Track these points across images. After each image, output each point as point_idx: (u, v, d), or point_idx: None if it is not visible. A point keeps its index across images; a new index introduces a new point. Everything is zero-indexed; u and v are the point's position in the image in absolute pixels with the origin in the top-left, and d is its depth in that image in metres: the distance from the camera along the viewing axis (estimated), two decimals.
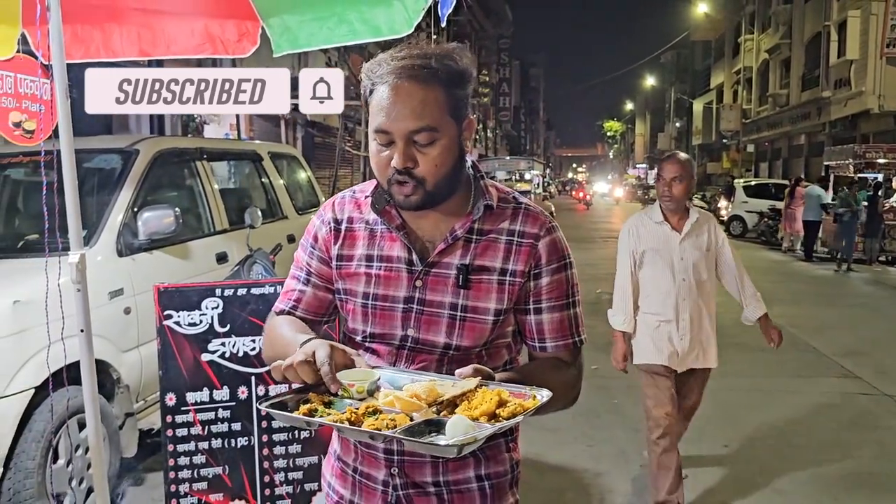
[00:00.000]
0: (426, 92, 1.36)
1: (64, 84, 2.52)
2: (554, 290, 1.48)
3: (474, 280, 1.44)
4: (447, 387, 1.29)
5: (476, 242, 1.46)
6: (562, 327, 1.50)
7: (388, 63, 1.37)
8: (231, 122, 12.50)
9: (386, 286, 1.46)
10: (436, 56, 1.38)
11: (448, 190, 1.43)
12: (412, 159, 1.36)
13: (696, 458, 4.55)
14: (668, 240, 3.59)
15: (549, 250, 1.47)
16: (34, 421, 3.28)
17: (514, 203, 1.51)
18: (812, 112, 25.95)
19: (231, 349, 3.01)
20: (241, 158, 6.22)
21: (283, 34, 3.08)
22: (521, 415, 1.21)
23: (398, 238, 1.47)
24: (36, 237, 4.00)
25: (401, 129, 1.35)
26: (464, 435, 1.15)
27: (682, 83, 51.49)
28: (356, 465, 1.53)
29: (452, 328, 1.44)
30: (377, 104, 1.37)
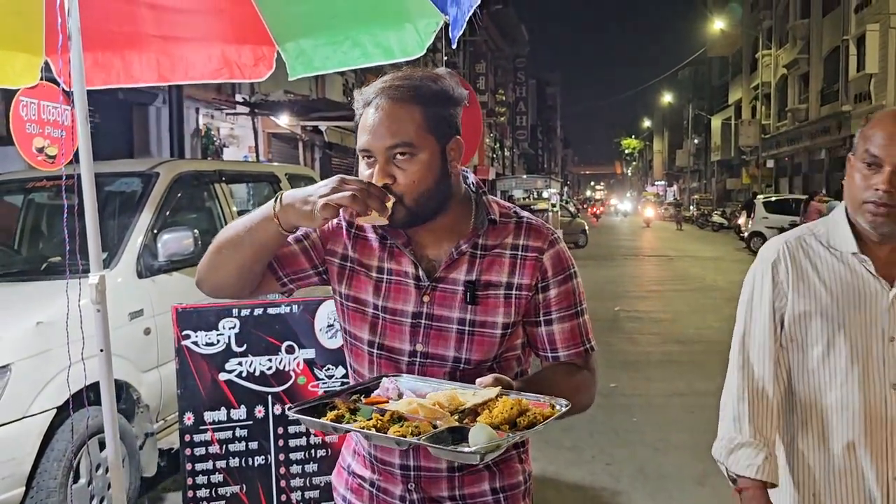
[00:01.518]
0: (403, 110, 1.41)
1: (84, 110, 2.58)
2: (563, 300, 1.50)
3: (481, 295, 1.46)
4: (468, 395, 1.32)
5: (481, 258, 1.48)
6: (573, 336, 1.52)
7: (373, 87, 1.45)
8: (250, 145, 12.64)
9: (395, 299, 1.49)
10: (417, 77, 1.44)
11: (434, 207, 1.45)
12: (390, 175, 1.40)
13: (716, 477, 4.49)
14: (868, 297, 1.71)
15: (555, 262, 1.50)
16: (56, 440, 3.33)
17: (515, 217, 1.53)
18: (832, 127, 25.77)
19: (248, 368, 3.04)
20: (259, 180, 6.30)
21: (298, 57, 3.13)
22: (542, 424, 1.24)
23: (405, 254, 1.50)
24: (58, 260, 4.07)
25: (378, 146, 1.41)
26: (487, 442, 1.18)
27: (699, 99, 51.40)
28: (374, 479, 1.55)
29: (461, 343, 1.46)
30: (361, 125, 1.44)
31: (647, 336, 8.80)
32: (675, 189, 63.86)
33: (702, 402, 6.12)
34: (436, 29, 2.81)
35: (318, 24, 3.03)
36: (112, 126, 9.98)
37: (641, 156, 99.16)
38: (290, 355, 3.05)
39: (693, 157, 55.48)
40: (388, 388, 1.41)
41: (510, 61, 48.23)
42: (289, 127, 14.04)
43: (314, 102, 13.28)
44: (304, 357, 3.05)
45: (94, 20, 2.81)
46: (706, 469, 4.61)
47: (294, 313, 3.06)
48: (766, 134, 34.86)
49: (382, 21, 2.90)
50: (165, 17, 3.10)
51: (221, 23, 3.13)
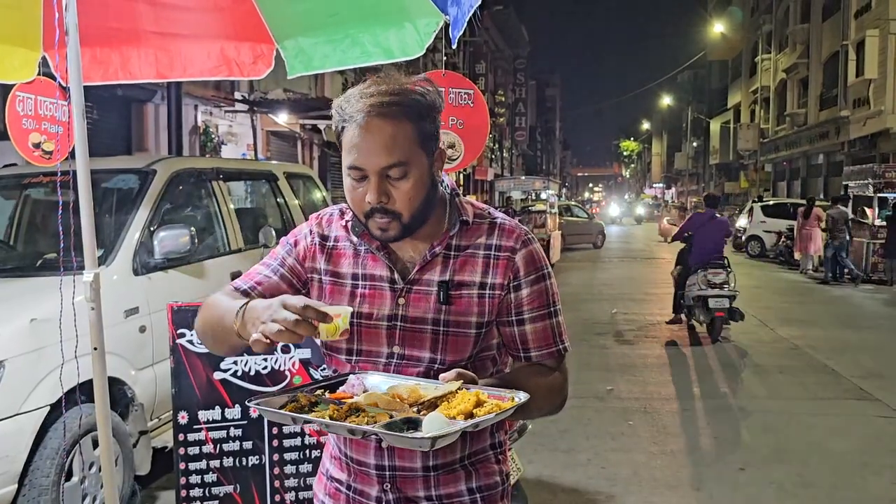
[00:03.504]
0: (395, 128, 1.39)
1: (81, 106, 2.56)
2: (535, 300, 1.51)
3: (455, 295, 1.48)
4: (430, 389, 1.34)
5: (454, 258, 1.50)
6: (545, 336, 1.52)
7: (357, 100, 1.40)
8: (248, 143, 12.63)
9: (371, 304, 1.50)
10: (404, 91, 1.41)
11: (424, 219, 1.47)
12: (386, 194, 1.41)
13: (711, 481, 4.50)
14: None
15: (527, 262, 1.50)
16: (49, 438, 3.31)
17: (489, 219, 1.54)
18: (830, 131, 25.79)
19: (243, 368, 3.03)
20: (257, 178, 6.28)
21: (297, 56, 3.12)
22: (497, 414, 1.25)
23: (380, 258, 1.51)
24: (53, 256, 4.06)
25: (373, 165, 1.39)
26: (439, 430, 1.18)
27: (699, 102, 51.43)
28: (350, 482, 1.56)
29: (436, 343, 1.47)
30: (349, 142, 1.41)
31: (643, 339, 8.79)
32: (674, 192, 63.90)
33: (698, 405, 6.12)
34: (436, 29, 2.80)
35: (318, 23, 3.02)
36: (110, 122, 9.96)
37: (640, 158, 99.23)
38: (285, 355, 3.04)
39: (691, 160, 55.51)
40: (353, 384, 1.42)
41: (510, 62, 48.22)
42: (288, 125, 14.04)
43: (313, 101, 13.27)
44: (299, 357, 3.04)
45: (92, 15, 2.80)
46: (702, 473, 4.61)
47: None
48: (764, 138, 34.88)
49: (382, 20, 2.89)
50: (164, 14, 3.08)
51: (220, 20, 3.12)
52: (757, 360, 7.82)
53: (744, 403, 6.23)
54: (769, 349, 8.34)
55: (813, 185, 28.49)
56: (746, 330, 9.37)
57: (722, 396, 6.45)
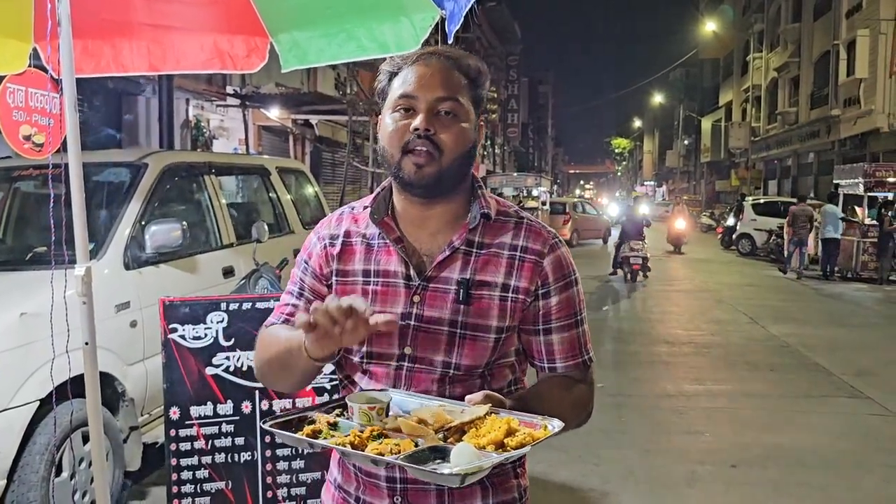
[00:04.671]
0: (452, 72, 1.40)
1: (73, 98, 2.53)
2: (563, 309, 1.43)
3: (475, 295, 1.39)
4: (456, 413, 1.25)
5: (476, 256, 1.41)
6: (571, 347, 1.45)
7: (412, 54, 1.42)
8: (240, 137, 12.56)
9: (383, 302, 1.41)
10: (459, 52, 1.44)
11: (457, 179, 1.41)
12: (433, 125, 1.36)
13: (704, 479, 4.50)
14: None
15: (555, 267, 1.42)
16: (38, 434, 3.28)
17: (515, 217, 1.47)
18: (821, 130, 25.91)
19: (235, 363, 3.00)
20: (249, 173, 6.24)
21: (291, 49, 3.09)
22: (530, 445, 1.17)
23: (395, 252, 1.43)
24: (44, 250, 4.02)
25: (428, 96, 1.37)
26: (468, 463, 1.10)
27: (690, 101, 51.53)
28: (358, 494, 1.46)
29: (452, 346, 1.38)
30: (401, 80, 1.40)
31: (635, 337, 8.80)
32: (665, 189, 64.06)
33: (690, 403, 6.13)
34: (431, 23, 2.78)
35: (313, 16, 2.99)
36: (101, 115, 9.88)
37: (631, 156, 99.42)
38: None
39: (683, 158, 55.65)
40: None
41: (503, 59, 48.18)
42: (279, 120, 13.97)
43: (305, 96, 13.21)
44: None
45: (84, 7, 2.76)
46: (695, 471, 4.61)
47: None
48: (755, 136, 35.01)
49: (378, 14, 2.87)
50: (157, 6, 3.05)
51: (214, 12, 3.08)
52: (749, 358, 7.85)
53: (736, 401, 6.25)
54: (761, 347, 8.36)
55: (803, 183, 28.61)
56: (738, 328, 9.41)
57: (714, 394, 6.46)
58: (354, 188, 17.70)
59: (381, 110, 1.44)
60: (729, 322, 9.94)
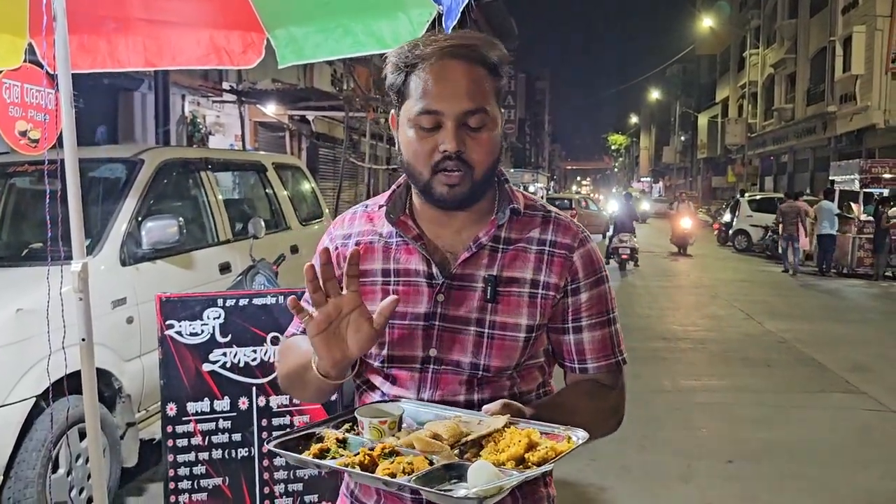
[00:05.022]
0: (476, 72, 1.27)
1: (69, 94, 2.52)
2: (593, 306, 1.36)
3: (503, 293, 1.31)
4: (473, 424, 1.18)
5: (503, 252, 1.34)
6: (603, 346, 1.37)
7: (427, 45, 1.27)
8: (236, 133, 12.54)
9: (405, 303, 1.32)
10: (481, 39, 1.30)
11: (487, 186, 1.33)
12: (463, 143, 1.26)
13: (700, 474, 4.52)
14: None
15: (586, 263, 1.36)
16: (35, 430, 3.28)
17: (543, 211, 1.39)
18: (817, 126, 25.95)
19: (232, 359, 3.00)
20: (246, 169, 6.23)
21: (288, 45, 3.09)
22: (553, 461, 1.09)
23: (415, 250, 1.35)
24: (40, 246, 4.01)
25: (454, 109, 1.24)
26: (487, 484, 1.03)
27: (687, 97, 51.58)
28: None
29: (480, 347, 1.31)
30: (420, 85, 1.26)
31: (631, 332, 8.82)
32: (661, 185, 64.13)
33: (687, 399, 6.15)
34: (429, 19, 2.78)
35: (310, 12, 2.99)
36: (97, 111, 9.85)
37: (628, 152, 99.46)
38: (275, 346, 3.01)
39: (679, 154, 55.73)
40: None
41: None
42: (276, 116, 13.95)
43: (302, 91, 13.18)
44: None
45: (80, 2, 2.76)
46: (690, 466, 4.63)
47: (280, 304, 3.02)
48: (752, 133, 35.06)
49: (375, 10, 2.86)
50: (153, 1, 3.04)
51: (210, 8, 3.08)
52: (745, 353, 7.87)
53: (732, 397, 6.26)
54: (757, 343, 8.38)
55: (800, 179, 28.66)
56: (734, 324, 9.43)
57: (711, 390, 6.48)
58: (351, 184, 17.69)
59: (396, 108, 1.33)
60: (725, 318, 9.96)
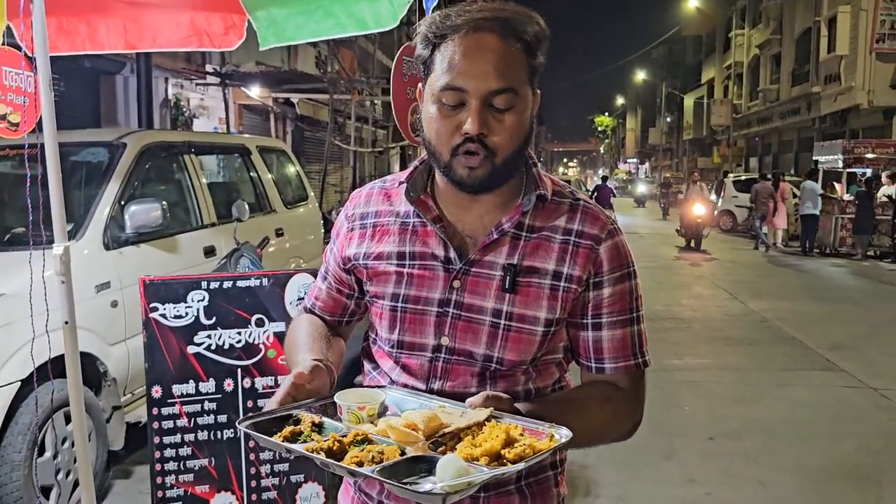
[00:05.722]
0: (509, 48, 1.18)
1: (47, 77, 2.51)
2: (616, 302, 1.28)
3: (523, 283, 1.25)
4: (455, 416, 1.13)
5: (526, 240, 1.27)
6: (623, 346, 1.29)
7: (459, 15, 1.19)
8: (220, 116, 12.46)
9: (419, 287, 1.28)
10: (517, 12, 1.21)
11: (511, 171, 1.25)
12: (486, 125, 1.18)
13: (682, 451, 4.59)
14: None
15: (612, 256, 1.28)
16: (20, 414, 3.29)
17: (571, 199, 1.31)
18: (802, 107, 26.05)
19: (217, 342, 3.02)
20: (230, 152, 6.21)
21: (269, 27, 3.07)
22: (530, 459, 1.03)
23: (434, 232, 1.29)
24: (22, 230, 3.99)
25: (480, 88, 1.17)
26: (454, 479, 0.98)
27: (673, 78, 51.56)
28: (381, 498, 1.32)
29: (495, 338, 1.25)
30: (447, 59, 1.19)
31: None
32: (647, 167, 64.27)
33: (670, 377, 6.22)
34: (410, 0, 2.78)
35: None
36: (78, 95, 9.76)
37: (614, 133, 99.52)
38: (259, 328, 3.03)
39: (665, 135, 55.79)
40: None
41: None
42: (260, 98, 13.86)
43: (286, 74, 13.10)
44: (273, 330, 3.03)
45: None
46: (673, 444, 4.70)
47: (264, 286, 3.03)
48: (737, 113, 35.15)
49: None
50: None
51: None
52: (728, 332, 7.96)
53: (715, 376, 6.35)
54: (740, 322, 8.48)
55: (784, 160, 28.82)
56: (718, 303, 9.52)
57: (694, 369, 6.56)
58: (336, 167, 17.63)
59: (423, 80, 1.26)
60: (709, 298, 10.06)
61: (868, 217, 14.45)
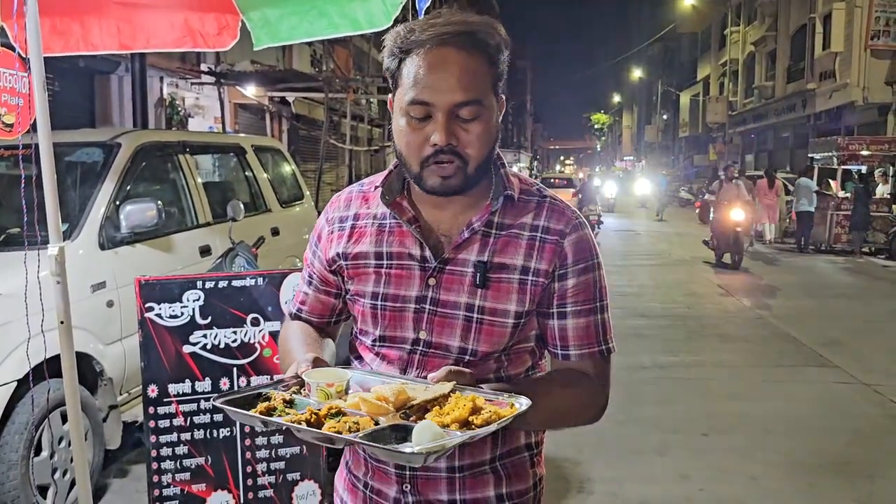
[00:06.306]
0: (472, 61, 1.24)
1: (41, 77, 2.52)
2: (580, 292, 1.35)
3: (493, 279, 1.32)
4: (419, 390, 1.20)
5: (495, 237, 1.33)
6: (587, 334, 1.37)
7: (423, 29, 1.24)
8: (216, 116, 12.46)
9: (397, 285, 1.35)
10: (478, 23, 1.27)
11: (482, 175, 1.31)
12: (454, 135, 1.24)
13: (675, 447, 4.61)
14: None
15: (576, 249, 1.34)
16: (17, 413, 3.30)
17: (538, 196, 1.38)
18: (797, 104, 26.09)
19: (213, 341, 3.03)
20: (225, 151, 6.22)
21: (262, 27, 3.09)
22: (496, 423, 1.10)
23: (409, 233, 1.35)
24: (18, 231, 4.00)
25: (445, 101, 1.23)
26: (431, 442, 1.06)
27: (668, 75, 51.62)
28: (367, 479, 1.42)
29: (468, 331, 1.32)
30: (412, 73, 1.24)
31: (612, 310, 8.91)
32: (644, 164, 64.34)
33: (665, 374, 6.25)
34: (402, 1, 2.80)
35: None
36: (73, 95, 9.75)
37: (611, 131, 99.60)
38: (255, 328, 3.05)
39: (661, 132, 55.86)
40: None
41: None
42: (256, 98, 13.86)
43: (281, 73, 13.10)
44: (269, 329, 3.05)
45: None
46: (666, 440, 4.73)
47: (259, 286, 3.05)
48: (732, 111, 35.19)
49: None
50: None
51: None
52: (722, 329, 7.99)
53: (709, 372, 6.38)
54: (734, 319, 8.52)
55: (780, 157, 28.86)
56: (713, 300, 9.56)
57: (688, 365, 6.59)
58: (332, 166, 17.63)
59: (392, 92, 1.32)
60: (704, 294, 10.09)
61: (858, 213, 14.51)
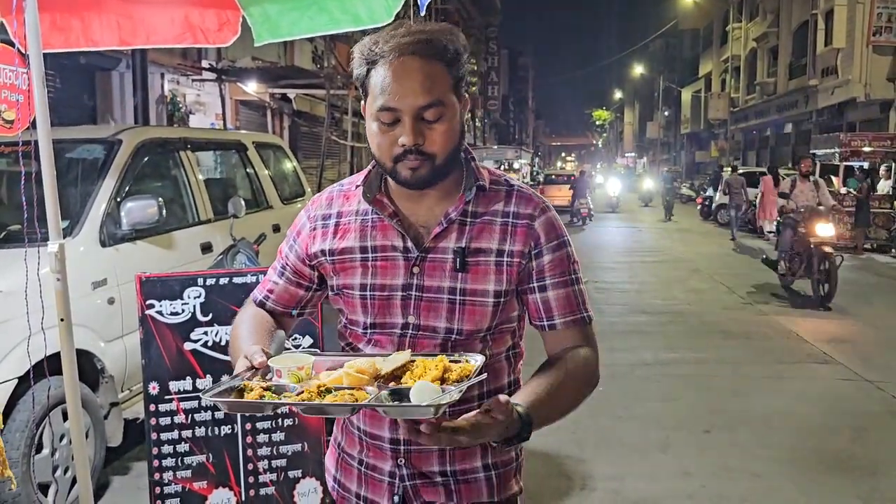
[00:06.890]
0: (431, 67, 1.36)
1: (41, 73, 2.51)
2: (556, 266, 1.47)
3: (471, 263, 1.44)
4: (379, 362, 1.31)
5: (471, 225, 1.45)
6: (568, 303, 1.49)
7: (386, 41, 1.37)
8: (217, 112, 12.44)
9: (383, 275, 1.46)
10: (436, 32, 1.39)
11: (450, 168, 1.43)
12: (421, 135, 1.36)
13: (678, 444, 4.61)
14: None
15: (547, 229, 1.47)
16: (18, 411, 3.29)
17: (506, 186, 1.51)
18: (799, 100, 26.04)
19: (213, 338, 3.03)
20: (226, 148, 6.20)
21: (263, 23, 3.08)
22: (471, 377, 1.24)
23: (391, 226, 1.46)
24: (18, 228, 3.99)
25: (409, 105, 1.35)
26: (433, 397, 1.16)
27: (670, 72, 51.53)
28: (361, 457, 1.52)
29: (453, 312, 1.44)
30: (379, 83, 1.37)
31: (613, 306, 8.91)
32: (645, 161, 64.27)
33: (666, 371, 6.24)
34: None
35: None
36: (74, 91, 9.74)
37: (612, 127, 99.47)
38: None
39: (663, 129, 55.77)
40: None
41: (482, 30, 47.77)
42: (257, 94, 13.84)
43: (283, 69, 13.07)
44: None
45: None
46: (668, 437, 4.72)
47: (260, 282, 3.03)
48: (734, 107, 35.13)
49: None
50: None
51: None
52: (724, 326, 7.98)
53: (711, 369, 6.36)
54: (737, 315, 8.50)
55: (782, 153, 28.80)
56: (715, 297, 9.54)
57: (690, 362, 6.58)
58: (333, 162, 17.60)
59: (364, 99, 1.44)
60: (706, 291, 10.07)
61: (860, 209, 14.47)
